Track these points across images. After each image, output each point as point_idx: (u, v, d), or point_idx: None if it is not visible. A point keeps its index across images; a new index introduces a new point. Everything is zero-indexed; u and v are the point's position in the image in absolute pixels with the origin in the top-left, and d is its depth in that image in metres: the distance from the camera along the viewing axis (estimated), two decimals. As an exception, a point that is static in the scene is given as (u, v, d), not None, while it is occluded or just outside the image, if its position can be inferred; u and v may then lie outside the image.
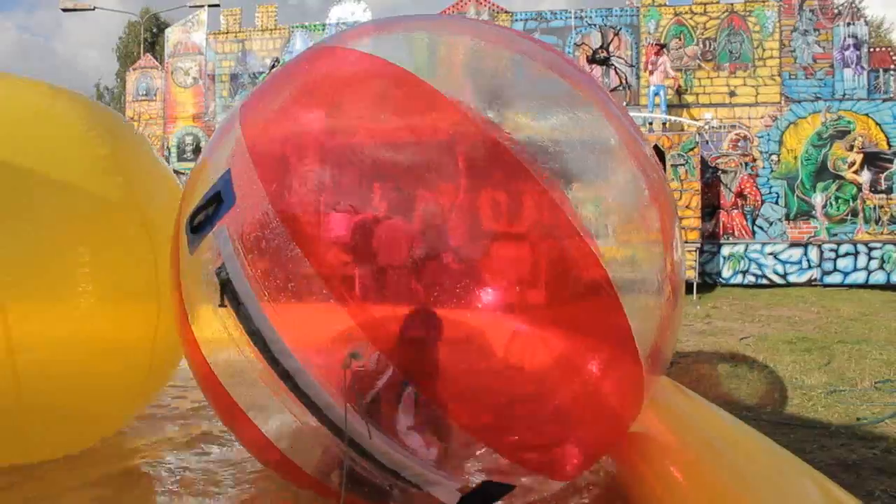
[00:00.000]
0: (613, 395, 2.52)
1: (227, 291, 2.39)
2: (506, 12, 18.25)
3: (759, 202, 16.52)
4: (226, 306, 2.40)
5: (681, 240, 2.84)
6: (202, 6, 20.98)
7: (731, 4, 17.10)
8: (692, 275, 14.76)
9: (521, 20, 18.03)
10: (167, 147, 19.72)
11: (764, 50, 16.79)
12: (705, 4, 17.13)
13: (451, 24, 3.62)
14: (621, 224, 2.58)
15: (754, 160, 16.62)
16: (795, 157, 16.43)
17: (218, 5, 21.40)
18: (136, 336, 3.02)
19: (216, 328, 2.53)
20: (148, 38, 34.47)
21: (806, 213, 16.31)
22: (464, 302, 2.31)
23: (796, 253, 16.20)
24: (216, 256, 2.47)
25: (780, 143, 16.53)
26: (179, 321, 2.77)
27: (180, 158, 19.48)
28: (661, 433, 2.73)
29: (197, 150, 19.44)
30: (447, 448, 2.45)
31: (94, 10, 26.55)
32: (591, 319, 2.42)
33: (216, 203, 2.52)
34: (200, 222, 2.57)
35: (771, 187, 16.47)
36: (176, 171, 18.75)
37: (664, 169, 14.93)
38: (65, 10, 25.47)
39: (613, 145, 2.67)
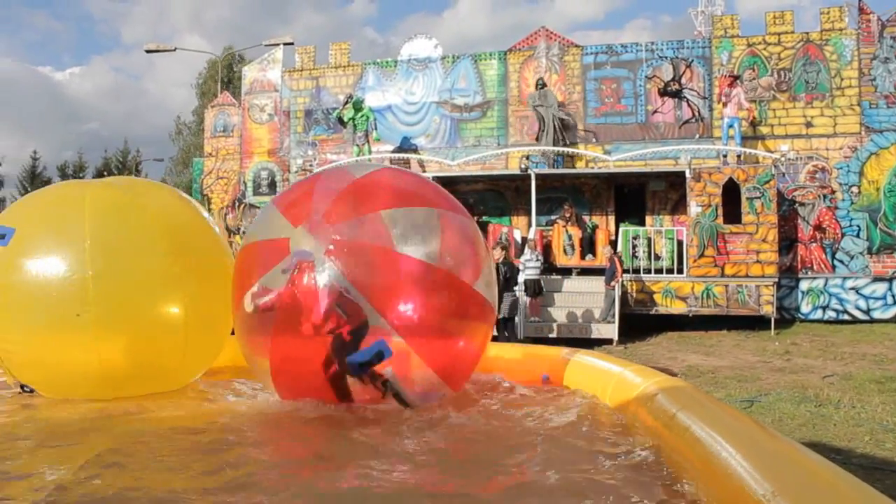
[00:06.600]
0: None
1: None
2: (576, 46, 18.29)
3: (839, 235, 16.03)
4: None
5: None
6: (277, 45, 21.65)
7: (807, 34, 16.79)
8: (770, 310, 14.39)
9: (592, 53, 18.03)
10: (243, 182, 20.27)
11: (842, 79, 16.40)
12: (779, 34, 16.86)
13: None
14: None
15: (833, 192, 16.17)
16: (877, 189, 15.92)
17: (292, 43, 22.04)
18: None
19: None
20: (225, 77, 35.63)
21: (890, 247, 15.74)
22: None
23: (880, 288, 15.61)
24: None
25: (861, 174, 16.06)
26: None
27: (256, 192, 19.99)
28: (749, 474, 2.65)
29: (272, 184, 19.92)
30: None
31: (175, 50, 27.74)
32: None
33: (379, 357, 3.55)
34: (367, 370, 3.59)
35: (851, 220, 15.98)
36: (251, 205, 19.25)
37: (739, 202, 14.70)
38: (148, 51, 26.70)
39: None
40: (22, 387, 4.19)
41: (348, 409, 3.67)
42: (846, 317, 15.62)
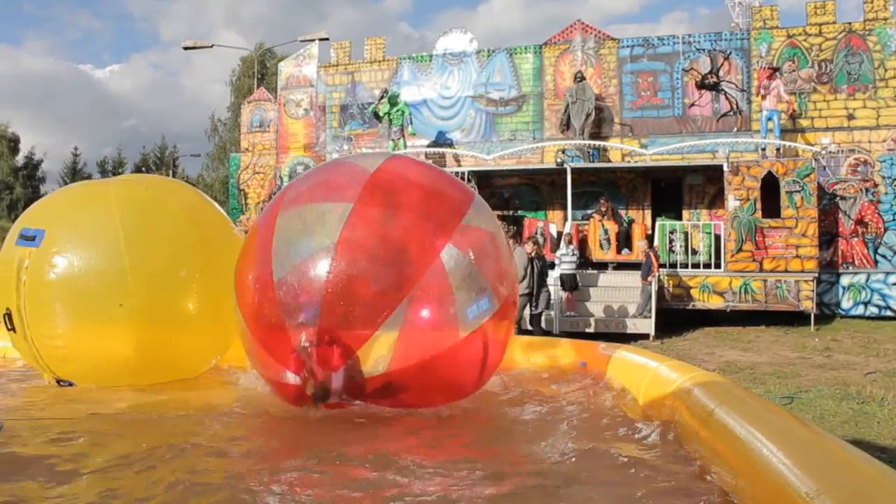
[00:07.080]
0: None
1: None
2: (612, 39, 18.14)
3: (882, 229, 15.71)
4: None
5: None
6: (313, 40, 21.77)
7: (849, 24, 16.45)
8: (809, 305, 14.16)
9: (628, 46, 17.87)
10: (279, 176, 20.43)
11: (886, 70, 16.04)
12: (820, 25, 16.54)
13: None
14: None
15: (876, 185, 15.84)
16: (922, 182, 15.59)
17: (327, 39, 22.14)
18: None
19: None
20: (258, 73, 35.96)
21: (934, 242, 15.40)
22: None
23: (924, 283, 15.29)
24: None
25: (905, 167, 15.73)
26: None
27: (291, 187, 20.11)
28: (792, 472, 2.60)
29: (307, 179, 20.05)
30: None
31: (212, 47, 28.03)
32: None
33: None
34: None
35: (895, 214, 15.65)
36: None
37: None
38: (186, 48, 27.03)
39: None
40: (58, 381, 4.26)
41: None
42: (889, 313, 15.31)
